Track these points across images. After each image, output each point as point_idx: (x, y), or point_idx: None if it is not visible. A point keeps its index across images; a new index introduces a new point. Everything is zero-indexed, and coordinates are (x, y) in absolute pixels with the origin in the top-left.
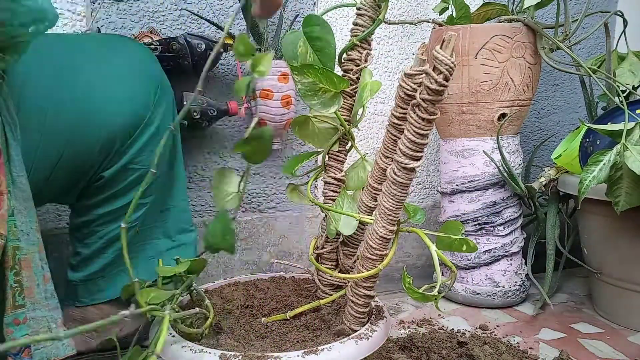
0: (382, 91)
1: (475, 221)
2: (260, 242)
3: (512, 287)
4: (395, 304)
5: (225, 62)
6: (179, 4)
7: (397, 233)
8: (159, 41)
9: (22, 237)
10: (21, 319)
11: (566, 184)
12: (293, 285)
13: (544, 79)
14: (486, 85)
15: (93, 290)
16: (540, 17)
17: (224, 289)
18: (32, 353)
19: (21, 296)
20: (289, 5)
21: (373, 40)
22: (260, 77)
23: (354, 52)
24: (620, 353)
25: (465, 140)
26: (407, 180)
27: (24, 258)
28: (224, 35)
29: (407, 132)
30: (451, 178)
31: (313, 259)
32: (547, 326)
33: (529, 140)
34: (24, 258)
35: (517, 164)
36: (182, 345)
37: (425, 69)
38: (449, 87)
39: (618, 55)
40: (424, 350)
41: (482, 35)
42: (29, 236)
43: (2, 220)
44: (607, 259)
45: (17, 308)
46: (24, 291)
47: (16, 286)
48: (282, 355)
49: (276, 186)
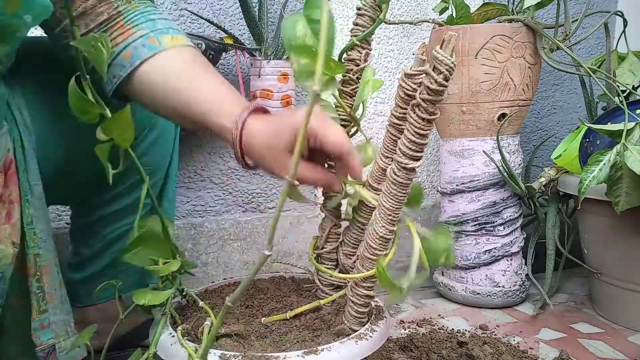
0: (382, 91)
1: (475, 221)
2: (260, 242)
3: (512, 287)
4: (395, 304)
5: (225, 62)
6: (179, 4)
7: (397, 233)
8: None
9: (41, 245)
10: (46, 323)
11: (566, 184)
12: (293, 285)
13: (544, 79)
14: (486, 85)
15: (93, 290)
16: (540, 17)
17: (224, 289)
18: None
19: (44, 302)
20: (289, 5)
21: (373, 40)
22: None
23: (354, 52)
24: (620, 353)
25: (465, 140)
26: (407, 180)
27: (44, 265)
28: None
29: (407, 132)
30: (451, 178)
31: (313, 259)
32: (547, 326)
33: (529, 140)
34: (44, 265)
35: (517, 164)
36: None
37: (425, 69)
38: (449, 87)
39: (618, 55)
40: (424, 350)
41: (482, 35)
42: (47, 243)
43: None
44: (607, 259)
45: (42, 313)
46: (46, 296)
47: (39, 292)
48: (282, 355)
49: (276, 186)
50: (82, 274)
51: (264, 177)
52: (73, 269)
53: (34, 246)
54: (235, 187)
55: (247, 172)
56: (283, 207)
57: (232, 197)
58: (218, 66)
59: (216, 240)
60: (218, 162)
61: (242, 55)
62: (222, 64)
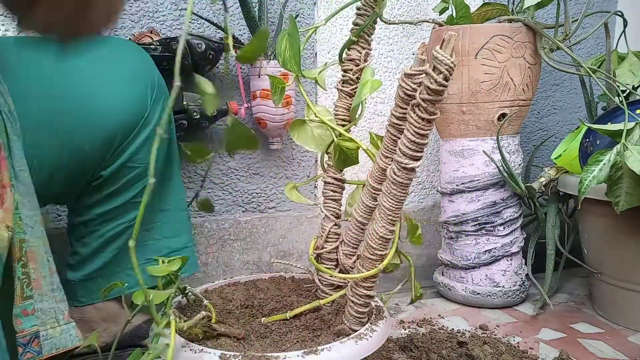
0: (382, 91)
1: (475, 221)
2: (260, 242)
3: (512, 287)
4: (395, 304)
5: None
6: (179, 4)
7: (397, 233)
8: (159, 41)
9: (27, 230)
10: (29, 309)
11: (566, 184)
12: (293, 285)
13: (544, 79)
14: (486, 85)
15: (92, 289)
16: (540, 17)
17: (224, 289)
18: (41, 343)
19: (29, 288)
20: (289, 5)
21: (373, 40)
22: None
23: (354, 51)
24: (620, 353)
25: (465, 140)
26: (407, 180)
27: (30, 250)
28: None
29: (407, 132)
30: (451, 178)
31: (313, 259)
32: (547, 326)
33: (529, 140)
34: (30, 250)
35: (517, 164)
36: (182, 345)
37: (425, 69)
38: (449, 87)
39: (618, 55)
40: (424, 350)
41: (482, 35)
42: (34, 229)
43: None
44: (607, 259)
45: (26, 299)
46: (32, 283)
47: (24, 278)
48: (282, 355)
49: (276, 186)
50: (80, 273)
51: (264, 177)
52: (71, 269)
53: (19, 231)
54: (235, 187)
55: (247, 172)
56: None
57: (232, 197)
58: (218, 66)
59: (216, 240)
60: (218, 162)
61: None
62: (222, 64)
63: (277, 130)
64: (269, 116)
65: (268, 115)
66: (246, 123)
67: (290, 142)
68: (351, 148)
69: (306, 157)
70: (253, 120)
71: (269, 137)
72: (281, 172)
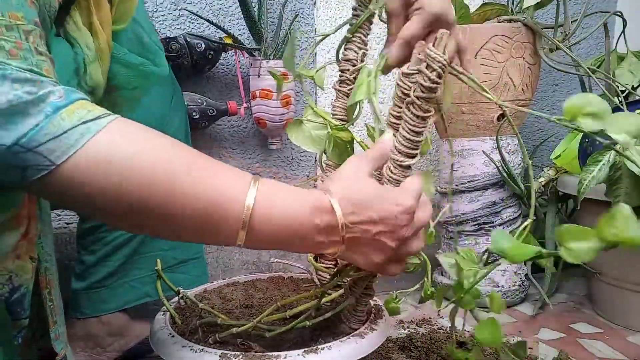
0: (382, 91)
1: (475, 221)
2: None
3: (512, 287)
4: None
5: (225, 62)
6: (178, 4)
7: None
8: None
9: (48, 259)
10: (57, 334)
11: (565, 184)
12: (292, 285)
13: (544, 79)
14: (485, 85)
15: (96, 301)
16: (540, 17)
17: (223, 289)
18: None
19: (54, 314)
20: (289, 5)
21: (372, 40)
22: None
23: (350, 51)
24: (620, 353)
25: (464, 140)
26: (403, 178)
27: (51, 278)
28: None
29: (402, 130)
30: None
31: (312, 258)
32: (546, 326)
33: (528, 140)
34: (51, 278)
35: (517, 164)
36: (182, 344)
37: (419, 67)
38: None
39: (617, 56)
40: (423, 350)
41: (482, 36)
42: (51, 257)
43: (32, 244)
44: (606, 259)
45: (54, 325)
46: (55, 309)
47: (51, 305)
48: (283, 354)
49: None
50: (85, 282)
51: (263, 176)
52: (77, 278)
53: (43, 260)
54: None
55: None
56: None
57: None
58: (217, 66)
59: None
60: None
61: (241, 55)
62: (222, 64)
63: (277, 130)
64: (269, 116)
65: (267, 115)
66: (246, 123)
67: (290, 142)
68: (345, 139)
69: (305, 157)
70: (252, 120)
71: (268, 137)
72: (280, 172)
